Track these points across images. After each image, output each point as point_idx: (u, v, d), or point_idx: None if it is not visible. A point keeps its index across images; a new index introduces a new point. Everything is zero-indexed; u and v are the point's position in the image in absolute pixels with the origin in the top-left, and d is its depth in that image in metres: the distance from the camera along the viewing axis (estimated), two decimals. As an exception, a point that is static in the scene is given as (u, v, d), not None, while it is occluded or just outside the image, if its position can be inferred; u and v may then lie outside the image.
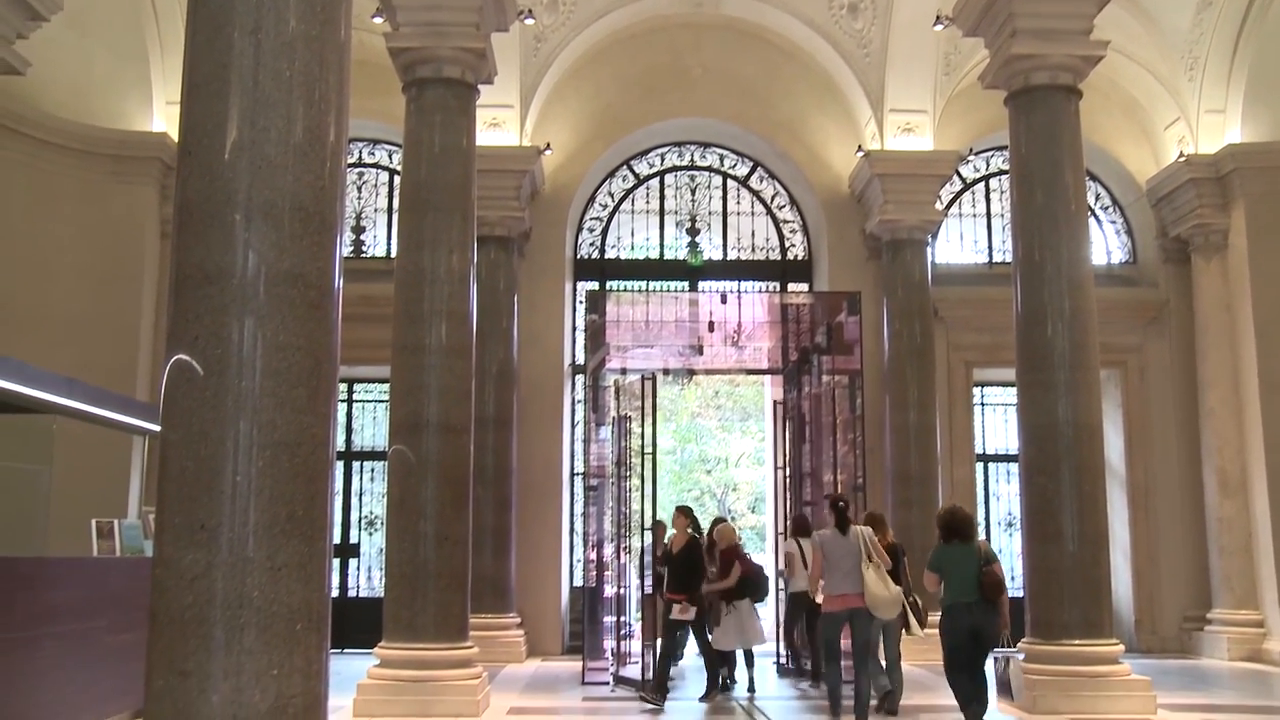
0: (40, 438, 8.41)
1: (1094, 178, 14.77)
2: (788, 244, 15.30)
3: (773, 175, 15.30)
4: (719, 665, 9.94)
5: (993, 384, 14.86)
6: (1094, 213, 14.89)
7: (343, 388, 12.73)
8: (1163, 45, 13.84)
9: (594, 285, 14.61)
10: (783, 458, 12.78)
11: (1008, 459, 14.44)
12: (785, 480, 12.63)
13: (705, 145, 15.35)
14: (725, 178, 15.38)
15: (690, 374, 14.74)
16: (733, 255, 15.27)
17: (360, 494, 14.56)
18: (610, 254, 15.23)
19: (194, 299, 4.00)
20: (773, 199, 15.36)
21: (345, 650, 11.84)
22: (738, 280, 15.10)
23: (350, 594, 14.15)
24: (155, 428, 4.72)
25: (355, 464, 14.58)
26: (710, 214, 15.36)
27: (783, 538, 11.65)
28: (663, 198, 15.33)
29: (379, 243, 14.89)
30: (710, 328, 12.44)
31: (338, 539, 13.87)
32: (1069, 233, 9.44)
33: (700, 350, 13.15)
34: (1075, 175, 9.58)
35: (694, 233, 15.30)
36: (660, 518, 11.46)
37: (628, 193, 15.32)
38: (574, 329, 14.80)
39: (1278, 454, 12.98)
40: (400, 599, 8.74)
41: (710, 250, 15.38)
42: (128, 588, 7.51)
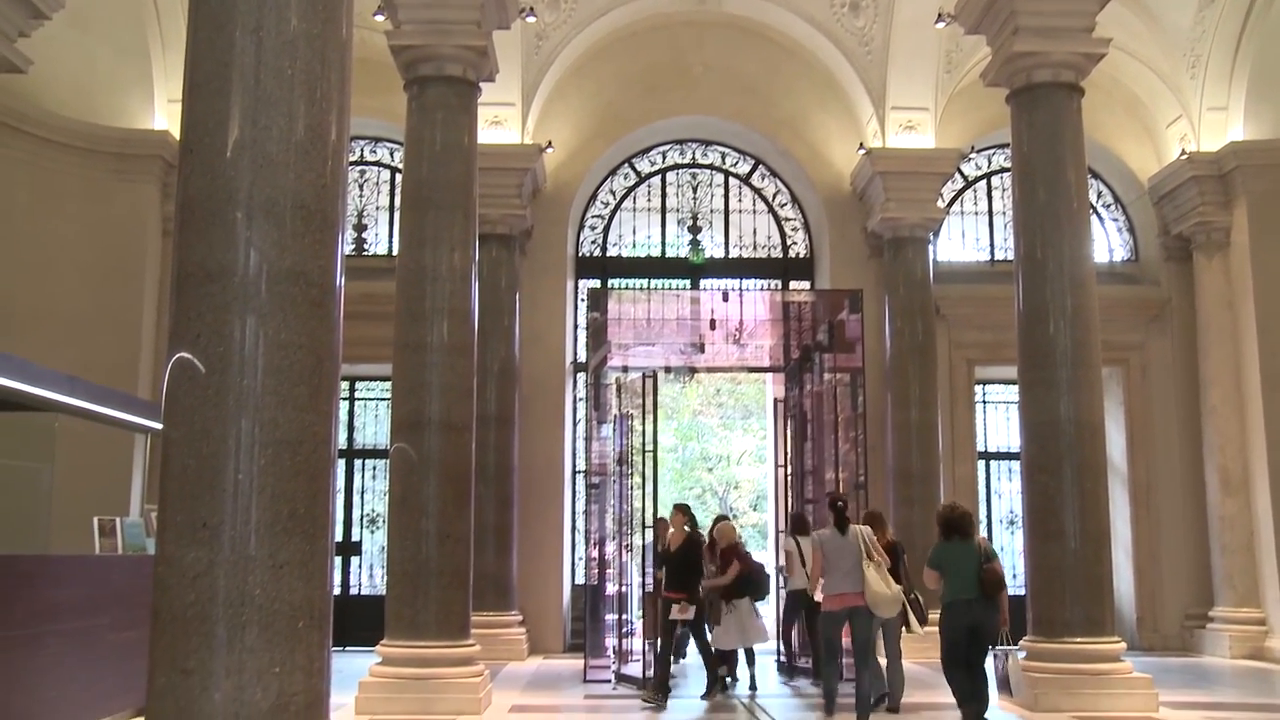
0: (42, 436, 8.42)
1: (1096, 175, 14.75)
2: (789, 242, 15.29)
3: (774, 173, 15.29)
4: (719, 663, 9.93)
5: (994, 382, 14.86)
6: (1096, 210, 14.88)
7: (344, 386, 12.69)
8: (1165, 43, 13.82)
9: (595, 283, 14.63)
10: (784, 455, 12.77)
11: (1009, 457, 14.44)
12: (787, 478, 12.62)
13: (707, 143, 15.34)
14: (727, 175, 15.37)
15: (692, 372, 14.71)
16: (734, 253, 15.26)
17: (362, 492, 14.57)
18: (612, 252, 15.23)
19: (196, 297, 4.00)
20: (774, 197, 15.35)
21: (347, 648, 11.88)
22: (739, 278, 15.09)
23: (352, 592, 14.17)
24: (157, 426, 4.71)
25: (357, 462, 14.59)
26: (712, 212, 15.36)
27: (783, 535, 11.65)
28: (664, 195, 15.33)
29: (380, 241, 14.90)
30: (712, 325, 12.43)
31: (339, 537, 13.88)
32: (1071, 230, 9.44)
33: (702, 348, 13.13)
34: (1077, 173, 9.58)
35: (695, 230, 15.29)
36: (662, 515, 11.46)
37: (629, 190, 15.31)
38: (575, 327, 14.81)
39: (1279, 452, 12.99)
40: (402, 597, 8.75)
41: (712, 248, 15.38)
42: (130, 586, 7.51)
